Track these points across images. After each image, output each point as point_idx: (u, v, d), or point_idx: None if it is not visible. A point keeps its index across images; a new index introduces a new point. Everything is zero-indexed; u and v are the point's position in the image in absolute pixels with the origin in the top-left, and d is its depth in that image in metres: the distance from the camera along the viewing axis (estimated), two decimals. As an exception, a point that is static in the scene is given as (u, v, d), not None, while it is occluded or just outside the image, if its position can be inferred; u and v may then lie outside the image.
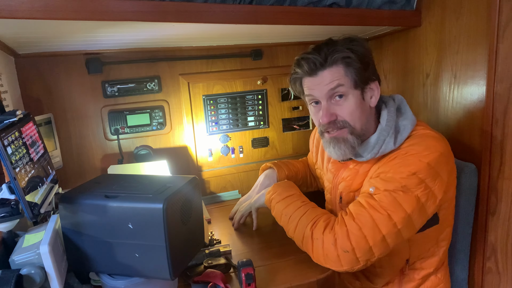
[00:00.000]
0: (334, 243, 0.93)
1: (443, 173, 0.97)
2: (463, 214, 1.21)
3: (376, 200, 0.94)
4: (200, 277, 1.03)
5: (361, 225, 0.92)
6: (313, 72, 1.03)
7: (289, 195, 1.14)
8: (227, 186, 1.83)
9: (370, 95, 1.06)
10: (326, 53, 1.01)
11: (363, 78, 1.03)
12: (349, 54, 1.00)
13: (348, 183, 1.13)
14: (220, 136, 1.77)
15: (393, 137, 1.03)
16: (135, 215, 0.87)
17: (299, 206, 1.08)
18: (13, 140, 0.83)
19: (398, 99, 1.12)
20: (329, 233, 0.94)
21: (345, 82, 1.01)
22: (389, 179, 0.96)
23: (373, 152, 1.04)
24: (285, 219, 1.09)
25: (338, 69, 1.01)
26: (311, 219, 1.02)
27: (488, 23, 1.15)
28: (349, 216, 0.95)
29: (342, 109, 1.03)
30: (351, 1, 1.26)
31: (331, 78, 1.01)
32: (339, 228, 0.94)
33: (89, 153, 1.60)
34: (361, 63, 1.01)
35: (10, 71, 1.33)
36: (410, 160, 0.96)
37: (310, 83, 1.06)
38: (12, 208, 0.85)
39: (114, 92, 1.59)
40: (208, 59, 1.70)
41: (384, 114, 1.07)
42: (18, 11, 0.85)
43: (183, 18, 1.05)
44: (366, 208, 0.94)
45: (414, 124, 1.05)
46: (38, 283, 0.83)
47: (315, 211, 1.05)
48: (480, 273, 1.28)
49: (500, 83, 1.13)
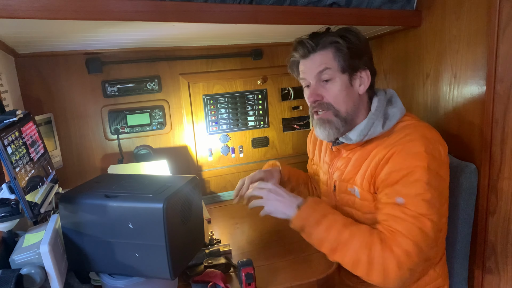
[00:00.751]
0: (398, 265, 0.91)
1: (445, 158, 1.03)
2: (463, 214, 1.21)
3: (412, 209, 0.94)
4: (200, 277, 1.03)
5: (415, 239, 0.92)
6: (306, 55, 1.10)
7: (322, 216, 1.01)
8: (227, 186, 1.83)
9: (360, 83, 1.10)
10: (320, 38, 1.08)
11: (352, 64, 1.07)
12: (339, 39, 1.06)
13: (342, 171, 1.15)
14: (220, 135, 1.77)
15: (381, 121, 1.07)
16: (135, 215, 0.88)
17: (341, 230, 0.98)
18: (13, 139, 0.83)
19: (390, 92, 1.17)
20: (390, 256, 0.92)
21: (332, 65, 1.07)
22: (408, 183, 0.96)
23: (362, 134, 1.07)
24: (328, 247, 0.99)
25: (327, 52, 1.07)
26: (363, 243, 0.95)
27: (488, 22, 1.14)
28: (400, 234, 0.93)
29: (328, 92, 1.08)
30: (351, 1, 1.26)
31: (320, 61, 1.07)
32: (398, 249, 0.92)
33: (89, 153, 1.60)
34: (350, 50, 1.06)
35: (10, 71, 1.33)
36: (416, 155, 0.97)
37: (303, 66, 1.12)
38: (12, 208, 0.85)
39: (114, 92, 1.59)
40: (208, 58, 1.70)
41: (374, 101, 1.12)
42: (18, 11, 0.85)
43: (183, 18, 1.05)
44: (411, 222, 0.93)
45: (403, 113, 1.10)
46: (38, 282, 0.83)
47: (361, 230, 0.97)
48: (480, 273, 1.28)
49: (500, 83, 1.13)
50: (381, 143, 1.05)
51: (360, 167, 1.09)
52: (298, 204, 1.03)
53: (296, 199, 1.05)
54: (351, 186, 1.12)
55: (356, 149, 1.12)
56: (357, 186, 1.09)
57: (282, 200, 1.05)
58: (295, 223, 1.02)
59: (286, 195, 1.06)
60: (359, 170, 1.09)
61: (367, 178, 1.06)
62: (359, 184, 1.08)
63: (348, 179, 1.13)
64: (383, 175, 1.01)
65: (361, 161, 1.09)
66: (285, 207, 1.04)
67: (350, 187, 1.12)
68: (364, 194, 1.07)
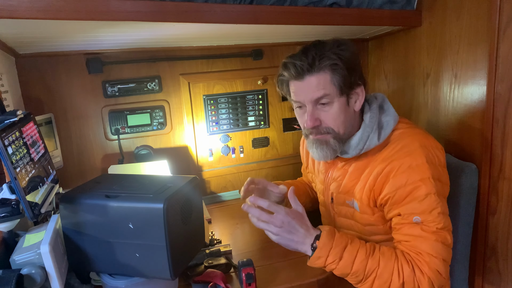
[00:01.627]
0: (430, 286, 0.92)
1: (444, 163, 1.03)
2: (463, 214, 1.21)
3: (431, 225, 0.94)
4: (200, 277, 1.03)
5: (442, 256, 0.93)
6: (299, 76, 1.03)
7: (342, 249, 0.95)
8: (227, 186, 1.83)
9: (355, 100, 1.07)
10: (313, 57, 1.01)
11: (349, 84, 1.03)
12: (337, 61, 1.00)
13: (339, 183, 1.14)
14: (220, 136, 1.77)
15: (376, 132, 1.04)
16: (135, 215, 0.88)
17: (364, 260, 0.94)
18: (13, 140, 0.83)
19: (379, 97, 1.14)
20: (422, 278, 0.92)
21: (330, 91, 1.01)
22: (419, 199, 0.95)
23: (358, 148, 1.05)
24: (354, 280, 0.96)
25: (325, 75, 1.01)
26: (391, 269, 0.93)
27: (488, 22, 1.14)
28: (427, 255, 0.93)
29: (327, 116, 1.04)
30: (351, 1, 1.26)
31: (317, 85, 1.01)
32: (429, 271, 0.92)
33: (90, 153, 1.60)
34: (347, 70, 1.01)
35: (10, 71, 1.33)
36: (418, 167, 0.96)
37: (296, 87, 1.06)
38: (12, 208, 0.85)
39: (114, 92, 1.59)
40: (209, 59, 1.70)
41: (367, 111, 1.09)
42: (18, 11, 0.85)
43: (183, 18, 1.05)
44: (433, 239, 0.94)
45: (396, 120, 1.07)
46: (38, 283, 0.83)
47: (385, 256, 0.94)
48: (481, 273, 1.28)
49: (500, 83, 1.13)
50: (378, 154, 1.04)
51: (358, 180, 1.08)
52: (311, 243, 0.95)
53: (309, 234, 0.96)
54: (349, 198, 1.10)
55: (351, 159, 1.10)
56: (356, 199, 1.08)
57: (293, 238, 0.95)
58: (314, 263, 0.95)
59: (298, 229, 0.95)
60: (357, 183, 1.07)
61: (366, 192, 1.04)
62: (358, 198, 1.07)
63: (345, 192, 1.11)
64: (388, 192, 0.99)
65: (358, 174, 1.08)
66: (297, 244, 0.96)
67: (348, 199, 1.11)
68: (364, 208, 1.07)
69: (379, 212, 1.05)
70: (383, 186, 1.00)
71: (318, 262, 0.95)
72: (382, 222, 1.06)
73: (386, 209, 1.02)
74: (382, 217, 1.05)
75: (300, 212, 0.98)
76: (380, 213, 1.05)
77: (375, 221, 1.06)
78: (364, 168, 1.06)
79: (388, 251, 0.95)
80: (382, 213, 1.05)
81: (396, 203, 0.98)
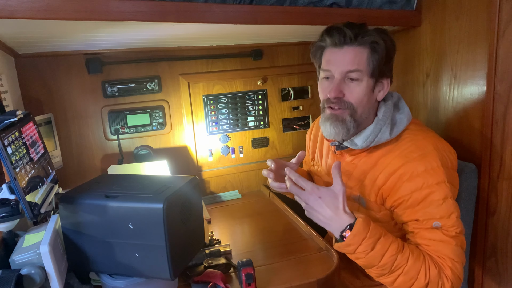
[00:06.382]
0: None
1: (456, 166, 1.06)
2: (463, 214, 1.20)
3: (451, 229, 0.95)
4: (200, 277, 1.03)
5: (462, 260, 0.95)
6: (340, 44, 1.02)
7: (377, 239, 0.92)
8: (227, 186, 1.83)
9: (379, 89, 1.07)
10: (358, 31, 1.00)
11: (381, 70, 1.03)
12: (379, 40, 1.00)
13: (346, 177, 1.13)
14: (220, 136, 1.77)
15: (389, 127, 1.04)
16: (135, 215, 0.88)
17: (394, 255, 0.92)
18: (13, 140, 0.83)
19: (395, 95, 1.14)
20: (446, 281, 0.92)
21: (364, 68, 1.01)
22: (438, 204, 0.95)
23: (369, 140, 1.04)
24: (379, 272, 0.95)
25: (363, 51, 1.01)
26: (420, 269, 0.92)
27: (488, 23, 1.15)
28: (450, 260, 0.93)
29: (352, 91, 1.03)
30: (351, 1, 1.26)
31: (353, 59, 1.01)
32: (452, 275, 0.93)
33: (89, 153, 1.60)
34: (385, 55, 1.02)
35: (10, 71, 1.33)
36: (433, 170, 0.97)
37: (331, 56, 1.04)
38: (12, 208, 0.85)
39: (114, 92, 1.59)
40: (208, 59, 1.70)
41: (382, 106, 1.09)
42: (18, 11, 0.85)
43: (183, 18, 1.05)
44: (454, 243, 0.94)
45: (409, 119, 1.07)
46: (38, 283, 0.83)
47: (415, 255, 0.93)
48: (480, 273, 1.28)
49: (500, 83, 1.13)
50: (389, 151, 1.04)
51: (366, 175, 1.07)
52: (341, 230, 0.92)
53: (338, 217, 0.92)
54: (356, 193, 1.10)
55: (361, 155, 1.09)
56: (363, 195, 1.08)
57: (319, 218, 0.93)
58: (343, 249, 0.93)
59: (325, 209, 0.92)
60: (365, 179, 1.07)
61: (374, 189, 1.04)
62: (365, 193, 1.07)
63: (352, 186, 1.11)
64: (402, 195, 0.98)
65: (367, 169, 1.07)
66: (324, 224, 0.94)
67: (354, 194, 1.10)
68: (371, 205, 1.06)
69: (385, 211, 1.05)
70: (394, 187, 0.99)
71: (347, 249, 0.92)
72: (387, 220, 1.06)
73: (399, 212, 1.00)
74: (388, 215, 1.05)
75: (334, 191, 0.93)
76: (386, 211, 1.05)
77: (381, 218, 1.06)
78: (374, 164, 1.06)
79: (417, 250, 0.95)
80: (389, 212, 1.04)
81: (411, 207, 0.97)
